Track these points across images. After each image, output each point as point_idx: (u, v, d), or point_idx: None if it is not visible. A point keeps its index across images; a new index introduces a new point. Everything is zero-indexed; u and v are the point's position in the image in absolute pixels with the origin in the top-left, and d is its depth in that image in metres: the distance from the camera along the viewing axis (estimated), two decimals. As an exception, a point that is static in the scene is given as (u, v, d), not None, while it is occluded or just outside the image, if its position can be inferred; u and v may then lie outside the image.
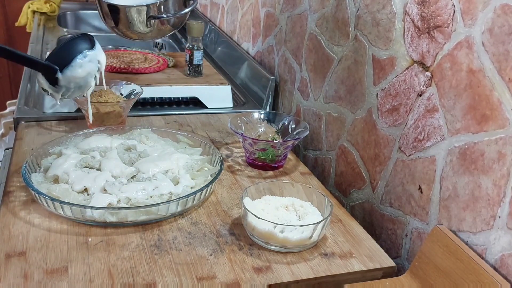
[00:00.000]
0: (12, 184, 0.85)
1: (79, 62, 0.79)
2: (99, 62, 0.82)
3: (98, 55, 0.82)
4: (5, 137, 1.92)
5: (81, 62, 0.79)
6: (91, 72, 0.81)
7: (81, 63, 0.79)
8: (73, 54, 0.79)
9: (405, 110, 0.80)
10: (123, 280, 0.66)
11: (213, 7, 1.89)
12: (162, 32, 1.12)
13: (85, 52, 0.80)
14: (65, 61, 0.78)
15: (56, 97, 0.82)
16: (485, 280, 0.62)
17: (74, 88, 0.80)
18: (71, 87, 0.80)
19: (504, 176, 0.62)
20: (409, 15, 0.78)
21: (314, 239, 0.74)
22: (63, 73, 0.78)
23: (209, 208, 0.83)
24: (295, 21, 1.17)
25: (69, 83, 0.79)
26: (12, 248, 0.70)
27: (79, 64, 0.79)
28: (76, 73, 0.79)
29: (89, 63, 0.80)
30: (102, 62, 0.83)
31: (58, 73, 0.78)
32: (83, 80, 0.81)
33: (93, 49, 0.82)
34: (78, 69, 0.79)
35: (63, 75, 0.78)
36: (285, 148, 0.96)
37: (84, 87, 0.82)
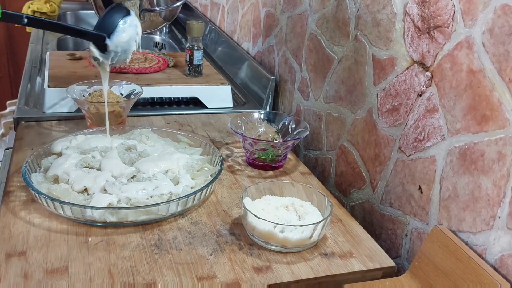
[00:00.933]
0: (12, 184, 0.85)
1: (122, 27, 0.87)
2: (136, 26, 0.90)
3: (134, 20, 0.90)
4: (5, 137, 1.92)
5: (123, 27, 0.87)
6: (132, 35, 0.89)
7: (123, 28, 0.87)
8: (115, 21, 0.87)
9: (405, 110, 0.80)
10: (123, 280, 0.66)
11: (213, 7, 1.89)
12: (154, 24, 1.15)
13: (124, 18, 0.88)
14: (110, 28, 0.87)
15: (106, 64, 0.90)
16: (485, 280, 0.62)
17: (120, 52, 0.88)
18: (119, 51, 0.88)
19: (504, 177, 0.62)
20: (409, 15, 0.78)
21: (314, 239, 0.74)
22: (111, 38, 0.86)
23: (209, 208, 0.83)
24: (296, 21, 1.17)
25: (116, 47, 0.87)
26: (12, 247, 0.70)
27: (122, 29, 0.87)
28: (121, 37, 0.87)
29: (130, 27, 0.88)
30: (138, 26, 0.91)
31: (106, 40, 0.86)
32: (127, 44, 0.88)
33: (130, 15, 0.90)
34: (122, 33, 0.87)
35: (111, 40, 0.86)
36: (285, 148, 0.96)
37: (129, 51, 0.90)
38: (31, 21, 0.81)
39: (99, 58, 0.89)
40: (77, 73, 1.25)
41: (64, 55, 1.37)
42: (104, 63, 0.90)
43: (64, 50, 1.72)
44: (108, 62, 0.90)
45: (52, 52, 1.45)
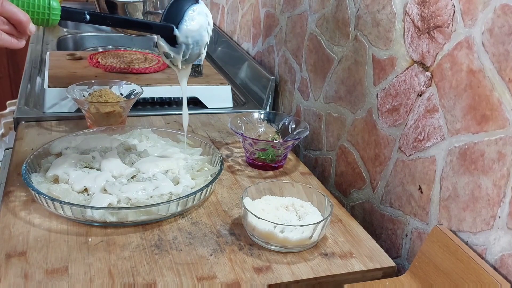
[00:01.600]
0: (12, 184, 0.85)
1: (190, 15, 0.80)
2: (206, 15, 0.84)
3: (203, 8, 0.84)
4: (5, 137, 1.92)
5: (192, 15, 0.80)
6: (203, 24, 0.82)
7: (192, 16, 0.80)
8: (182, 10, 0.80)
9: (405, 110, 0.80)
10: (123, 280, 0.66)
11: (213, 7, 1.89)
12: None
13: (192, 6, 0.82)
14: (178, 18, 0.80)
15: (178, 59, 0.82)
16: (485, 280, 0.62)
17: (192, 43, 0.81)
18: (190, 42, 0.81)
19: (504, 176, 0.62)
20: (409, 15, 0.78)
21: (314, 239, 0.74)
22: (179, 29, 0.80)
23: (209, 208, 0.83)
24: (295, 21, 1.17)
25: (187, 38, 0.80)
26: (12, 248, 0.70)
27: (191, 17, 0.80)
28: (190, 26, 0.80)
29: (199, 16, 0.81)
30: (209, 15, 0.84)
31: (175, 30, 0.80)
32: (198, 34, 0.81)
33: (198, 2, 0.83)
34: (191, 22, 0.80)
35: (180, 31, 0.80)
36: (285, 148, 0.96)
37: (201, 42, 0.83)
38: (94, 17, 0.74)
39: (170, 54, 0.82)
40: (77, 73, 1.25)
41: (64, 55, 1.37)
42: (176, 59, 0.83)
43: (64, 50, 1.72)
44: (180, 57, 0.82)
45: (52, 52, 1.45)
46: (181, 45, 0.81)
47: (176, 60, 0.83)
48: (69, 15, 0.71)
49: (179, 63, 0.83)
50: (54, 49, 1.64)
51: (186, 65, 0.86)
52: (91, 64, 1.32)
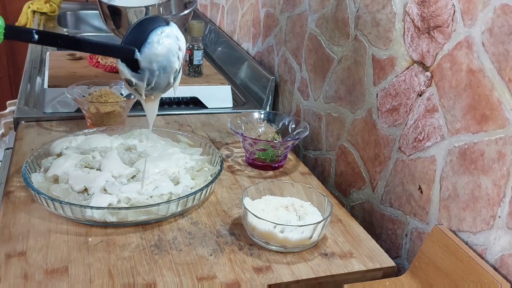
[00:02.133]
0: (12, 184, 0.85)
1: (156, 38, 0.71)
2: (178, 39, 0.73)
3: (175, 31, 0.74)
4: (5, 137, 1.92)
5: (158, 38, 0.71)
6: (172, 48, 0.72)
7: (158, 39, 0.71)
8: (147, 31, 0.71)
9: (405, 110, 0.80)
10: (123, 280, 0.66)
11: (213, 7, 1.89)
12: None
13: (159, 27, 0.72)
14: (141, 40, 0.70)
15: (142, 87, 0.72)
16: (485, 280, 0.62)
17: (158, 70, 0.72)
18: (154, 68, 0.71)
19: (504, 176, 0.62)
20: (409, 15, 0.78)
21: (314, 239, 0.74)
22: (141, 52, 0.70)
23: (209, 208, 0.83)
24: (295, 21, 1.17)
25: (151, 63, 0.71)
26: (12, 248, 0.70)
27: (157, 40, 0.71)
28: (155, 49, 0.70)
29: (167, 38, 0.72)
30: (181, 38, 0.74)
31: (136, 53, 0.70)
32: (165, 59, 0.72)
33: (168, 25, 0.73)
34: (156, 45, 0.70)
35: (142, 54, 0.70)
36: (285, 148, 0.96)
37: (169, 69, 0.73)
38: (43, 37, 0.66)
39: (131, 80, 0.73)
40: (77, 73, 1.25)
41: (64, 55, 1.37)
42: (139, 87, 0.73)
43: (64, 50, 1.72)
44: (143, 84, 0.72)
45: (52, 52, 1.45)
46: (145, 70, 0.72)
47: (140, 88, 0.73)
48: (14, 34, 0.64)
49: (142, 92, 0.74)
50: (54, 49, 1.64)
51: (154, 95, 0.76)
52: (91, 64, 1.32)
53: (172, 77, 0.75)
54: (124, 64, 0.72)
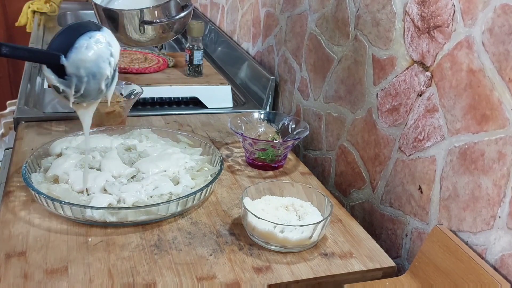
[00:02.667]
0: (12, 184, 0.85)
1: (84, 43, 0.67)
2: (110, 45, 0.70)
3: (107, 36, 0.70)
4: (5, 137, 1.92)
5: (87, 43, 0.67)
6: (102, 55, 0.69)
7: (86, 44, 0.67)
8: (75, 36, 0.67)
9: (405, 110, 0.80)
10: (123, 280, 0.66)
11: (213, 7, 1.89)
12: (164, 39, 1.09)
13: (89, 32, 0.68)
14: (69, 45, 0.67)
15: (69, 94, 0.69)
16: (485, 280, 0.62)
17: (86, 76, 0.68)
18: (82, 74, 0.68)
19: (504, 176, 0.62)
20: (409, 15, 0.78)
21: (314, 239, 0.74)
22: (68, 57, 0.67)
23: (209, 208, 0.83)
24: (295, 21, 1.17)
25: (78, 69, 0.67)
26: (12, 248, 0.70)
27: (85, 44, 0.67)
28: (82, 55, 0.67)
29: (97, 44, 0.68)
30: (114, 45, 0.70)
31: (62, 58, 0.66)
32: (94, 65, 0.68)
33: (99, 30, 0.70)
34: (84, 50, 0.67)
35: (68, 60, 0.67)
36: (285, 148, 0.96)
37: (99, 76, 0.69)
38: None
39: (58, 86, 0.69)
40: (77, 73, 1.25)
41: (64, 55, 1.37)
42: (67, 93, 0.69)
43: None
44: (71, 91, 0.69)
45: (52, 52, 1.44)
46: (71, 77, 0.68)
47: (68, 95, 0.69)
48: None
49: (70, 99, 0.70)
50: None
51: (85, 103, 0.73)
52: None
53: (104, 84, 0.71)
54: (50, 70, 0.68)
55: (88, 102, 0.73)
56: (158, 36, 1.06)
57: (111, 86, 0.73)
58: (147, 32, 1.03)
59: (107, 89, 0.72)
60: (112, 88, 0.73)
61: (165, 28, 1.05)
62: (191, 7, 1.07)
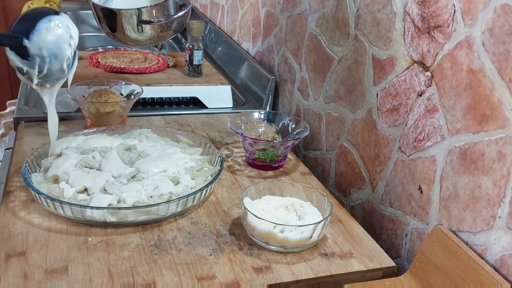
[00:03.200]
0: (12, 184, 0.85)
1: (44, 25, 0.72)
2: (69, 27, 0.75)
3: (65, 20, 0.75)
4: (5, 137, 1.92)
5: (47, 25, 0.73)
6: (62, 37, 0.74)
7: (47, 26, 0.72)
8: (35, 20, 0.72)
9: (405, 110, 0.80)
10: (123, 280, 0.66)
11: (213, 7, 1.89)
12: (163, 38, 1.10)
13: (48, 16, 0.74)
14: (29, 28, 0.72)
15: (33, 74, 0.73)
16: (485, 280, 0.62)
17: (48, 56, 0.73)
18: (45, 55, 0.73)
19: (504, 176, 0.62)
20: (409, 15, 0.78)
21: (314, 239, 0.74)
22: (30, 39, 0.71)
23: (209, 208, 0.83)
24: (295, 21, 1.17)
25: (40, 49, 0.72)
26: (12, 248, 0.70)
27: (46, 27, 0.72)
28: (43, 36, 0.72)
29: (57, 27, 0.73)
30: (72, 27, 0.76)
31: (24, 40, 0.71)
32: (55, 46, 0.73)
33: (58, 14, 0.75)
34: (45, 32, 0.72)
35: (30, 41, 0.71)
36: (285, 148, 0.96)
37: (60, 56, 0.75)
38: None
39: (22, 68, 0.73)
40: (77, 73, 1.24)
41: (64, 55, 1.37)
42: (31, 74, 0.73)
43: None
44: (35, 71, 0.73)
45: (52, 52, 1.44)
46: (35, 57, 0.73)
47: (31, 76, 0.74)
48: None
49: (34, 79, 0.74)
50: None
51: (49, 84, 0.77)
52: (91, 64, 1.32)
53: (66, 65, 0.75)
54: (13, 52, 0.72)
55: (51, 83, 0.77)
56: (156, 35, 1.06)
57: (72, 67, 0.78)
58: (145, 31, 1.04)
59: (68, 70, 0.77)
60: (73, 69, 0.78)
61: (164, 27, 1.05)
62: (189, 6, 1.07)
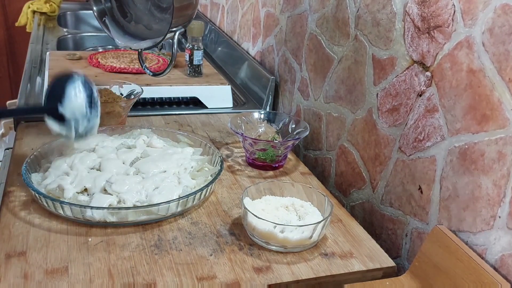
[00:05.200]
0: (12, 184, 0.85)
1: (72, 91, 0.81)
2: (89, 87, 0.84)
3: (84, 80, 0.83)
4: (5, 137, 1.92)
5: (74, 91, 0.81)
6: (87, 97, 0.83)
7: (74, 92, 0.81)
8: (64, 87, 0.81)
9: (405, 110, 0.80)
10: (123, 280, 0.66)
11: (213, 7, 1.89)
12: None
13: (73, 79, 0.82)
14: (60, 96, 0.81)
15: (70, 136, 0.83)
16: (485, 280, 0.62)
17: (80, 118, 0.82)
18: (78, 117, 0.82)
19: (504, 176, 0.62)
20: (409, 15, 0.78)
21: (314, 239, 0.74)
22: (63, 105, 0.80)
23: (209, 208, 0.83)
24: (295, 21, 1.17)
25: (73, 113, 0.81)
26: (12, 248, 0.70)
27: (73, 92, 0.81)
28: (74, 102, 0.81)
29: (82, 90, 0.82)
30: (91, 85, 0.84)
31: (59, 107, 0.80)
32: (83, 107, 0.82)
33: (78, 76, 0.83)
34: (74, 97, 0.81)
35: (64, 107, 0.80)
36: (285, 148, 0.96)
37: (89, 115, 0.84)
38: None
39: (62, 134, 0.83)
40: (77, 73, 1.25)
41: (64, 55, 1.37)
42: (68, 136, 0.83)
43: (64, 50, 1.72)
44: (72, 133, 0.82)
45: (52, 52, 1.45)
46: (70, 120, 0.81)
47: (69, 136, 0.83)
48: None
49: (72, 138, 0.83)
50: (54, 49, 1.64)
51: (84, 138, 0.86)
52: (91, 64, 1.32)
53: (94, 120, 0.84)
54: (51, 121, 0.82)
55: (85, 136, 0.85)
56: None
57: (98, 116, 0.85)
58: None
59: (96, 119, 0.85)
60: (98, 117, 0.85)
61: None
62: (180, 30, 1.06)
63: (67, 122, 0.81)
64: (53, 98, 0.81)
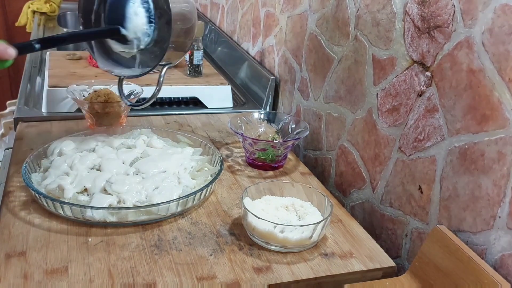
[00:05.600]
0: (12, 184, 0.85)
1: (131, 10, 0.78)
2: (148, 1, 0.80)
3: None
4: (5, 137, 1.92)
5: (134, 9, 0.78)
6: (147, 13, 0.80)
7: (134, 10, 0.78)
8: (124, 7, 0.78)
9: (405, 110, 0.80)
10: (123, 280, 0.66)
11: (213, 7, 1.89)
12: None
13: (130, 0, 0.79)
14: (121, 16, 0.78)
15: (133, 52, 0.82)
16: (485, 280, 0.62)
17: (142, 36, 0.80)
18: (140, 36, 0.80)
19: (504, 176, 0.62)
20: (409, 15, 0.78)
21: (314, 239, 0.74)
22: (126, 28, 0.79)
23: (209, 208, 0.83)
24: (295, 21, 1.17)
25: (136, 33, 0.79)
26: (12, 248, 0.70)
27: (133, 12, 0.78)
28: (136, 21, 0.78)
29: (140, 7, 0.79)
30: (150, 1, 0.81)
31: (121, 30, 0.78)
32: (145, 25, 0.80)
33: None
34: (133, 16, 0.78)
35: (127, 30, 0.79)
36: (285, 148, 0.96)
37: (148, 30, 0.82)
38: (43, 43, 0.72)
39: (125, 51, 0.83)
40: (77, 73, 1.25)
41: (64, 55, 1.37)
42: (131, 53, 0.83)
43: (64, 50, 1.72)
44: (134, 50, 0.82)
45: (52, 52, 1.44)
46: (133, 40, 0.81)
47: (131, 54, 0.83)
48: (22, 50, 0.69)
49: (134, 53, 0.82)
50: (54, 49, 1.64)
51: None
52: (91, 64, 1.31)
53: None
54: (114, 41, 0.81)
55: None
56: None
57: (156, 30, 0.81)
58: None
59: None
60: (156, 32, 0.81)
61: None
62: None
63: (130, 42, 0.80)
64: (114, 19, 0.79)
